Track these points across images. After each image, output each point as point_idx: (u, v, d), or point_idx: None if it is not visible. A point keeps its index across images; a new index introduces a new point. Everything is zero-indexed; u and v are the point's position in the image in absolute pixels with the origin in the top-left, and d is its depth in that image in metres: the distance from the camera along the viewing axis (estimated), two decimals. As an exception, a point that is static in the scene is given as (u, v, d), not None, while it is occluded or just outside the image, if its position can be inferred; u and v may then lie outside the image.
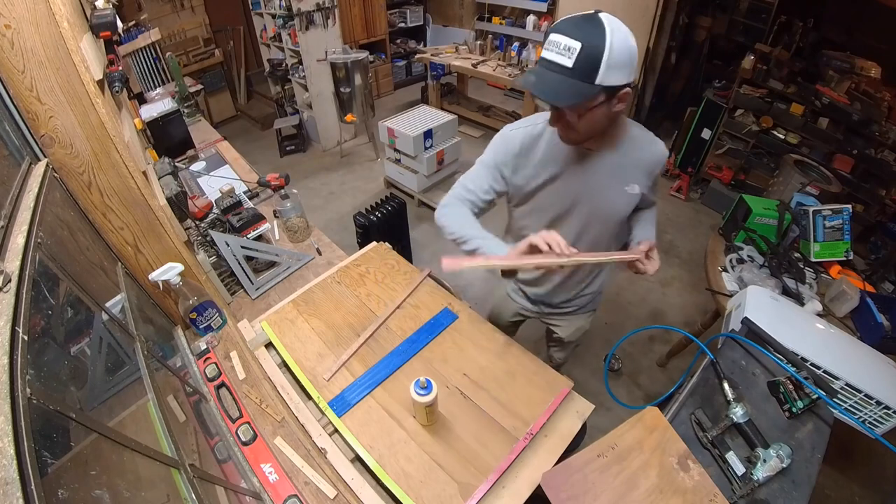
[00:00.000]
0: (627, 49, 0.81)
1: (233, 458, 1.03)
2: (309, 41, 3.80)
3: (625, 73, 0.82)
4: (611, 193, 1.09)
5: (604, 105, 0.86)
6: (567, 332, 1.52)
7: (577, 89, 0.81)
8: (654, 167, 1.11)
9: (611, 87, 0.82)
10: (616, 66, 0.80)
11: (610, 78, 0.80)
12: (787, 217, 1.89)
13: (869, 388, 1.25)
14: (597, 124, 0.91)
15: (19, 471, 0.44)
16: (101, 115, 0.94)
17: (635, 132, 1.08)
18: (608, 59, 0.78)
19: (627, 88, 0.85)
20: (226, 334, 1.32)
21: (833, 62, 3.12)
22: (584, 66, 0.79)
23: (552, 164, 1.07)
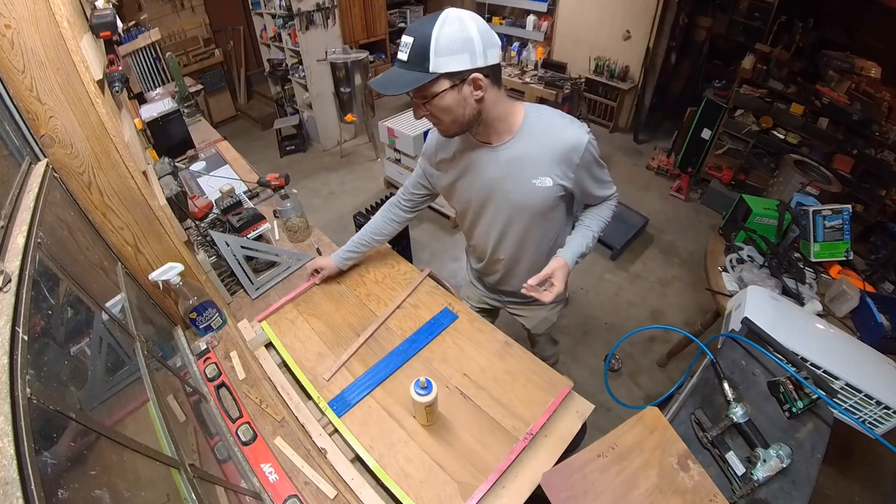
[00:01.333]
0: (460, 36, 0.85)
1: (233, 458, 1.03)
2: (309, 41, 3.80)
3: (464, 58, 0.86)
4: (518, 187, 1.07)
5: (451, 91, 0.90)
6: (532, 324, 1.51)
7: (410, 78, 0.88)
8: (567, 155, 1.01)
9: (451, 73, 0.87)
10: (446, 53, 0.85)
11: (444, 64, 0.86)
12: (787, 217, 1.89)
13: (869, 388, 1.25)
14: (454, 112, 0.94)
15: (19, 471, 0.44)
16: (101, 115, 0.94)
17: (540, 122, 1.03)
18: (435, 47, 0.84)
19: (478, 75, 0.89)
20: (226, 334, 1.32)
21: (833, 62, 3.12)
22: (416, 56, 0.86)
23: (458, 162, 1.12)
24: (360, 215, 2.44)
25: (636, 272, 2.98)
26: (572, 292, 2.78)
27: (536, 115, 1.04)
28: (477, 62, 0.88)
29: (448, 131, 1.02)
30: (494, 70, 0.93)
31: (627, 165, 4.17)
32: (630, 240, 3.11)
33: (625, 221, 3.23)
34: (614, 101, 4.49)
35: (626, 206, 3.37)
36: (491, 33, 0.90)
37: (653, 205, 3.58)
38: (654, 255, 3.13)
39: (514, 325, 1.89)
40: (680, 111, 3.88)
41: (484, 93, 0.92)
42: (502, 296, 1.47)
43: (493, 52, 0.90)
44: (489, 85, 0.93)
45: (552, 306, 1.48)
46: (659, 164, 3.99)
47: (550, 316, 1.50)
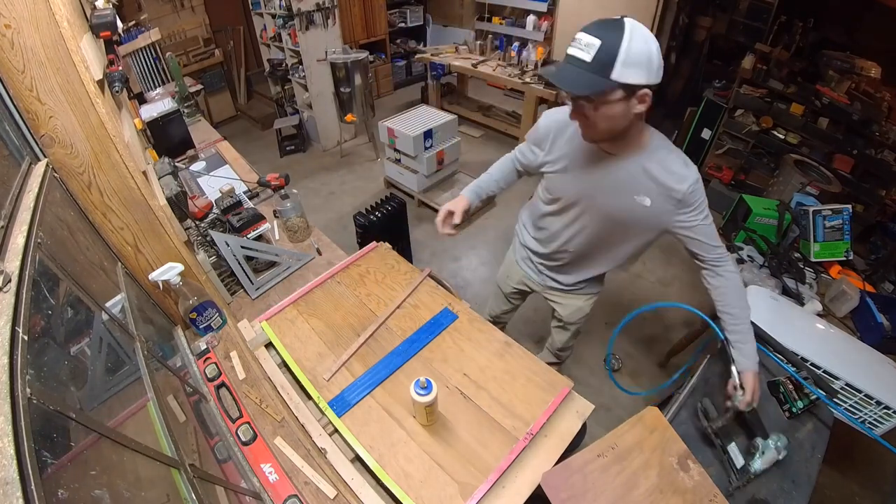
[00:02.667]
0: (646, 50, 0.85)
1: (233, 458, 1.03)
2: (309, 41, 3.79)
3: (642, 73, 0.86)
4: (618, 199, 1.10)
5: (621, 102, 0.90)
6: (567, 312, 1.54)
7: (592, 81, 0.87)
8: (671, 189, 1.02)
9: (627, 84, 0.87)
10: (632, 64, 0.85)
11: (626, 75, 0.86)
12: (787, 217, 1.89)
13: (869, 388, 1.25)
14: (614, 121, 0.95)
15: (19, 471, 0.44)
16: (101, 115, 0.94)
17: (660, 147, 1.05)
18: (625, 56, 0.84)
19: (647, 90, 0.90)
20: (226, 334, 1.32)
21: (833, 62, 3.11)
22: (601, 61, 0.85)
23: (568, 157, 1.14)
24: (360, 215, 2.44)
25: (636, 272, 2.98)
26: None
27: (661, 141, 1.06)
28: (651, 79, 0.89)
29: (596, 137, 1.02)
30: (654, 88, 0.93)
31: (627, 165, 4.16)
32: (630, 240, 3.11)
33: (625, 221, 3.23)
34: (614, 101, 4.48)
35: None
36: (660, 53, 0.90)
37: (653, 205, 3.57)
38: (654, 255, 3.13)
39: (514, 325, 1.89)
40: (680, 111, 3.88)
41: (643, 106, 0.93)
42: (549, 280, 1.48)
43: (659, 73, 0.90)
44: (645, 103, 0.93)
45: (588, 297, 1.49)
46: (659, 164, 3.98)
47: (585, 306, 1.52)
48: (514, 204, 3.58)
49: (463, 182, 3.60)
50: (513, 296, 1.67)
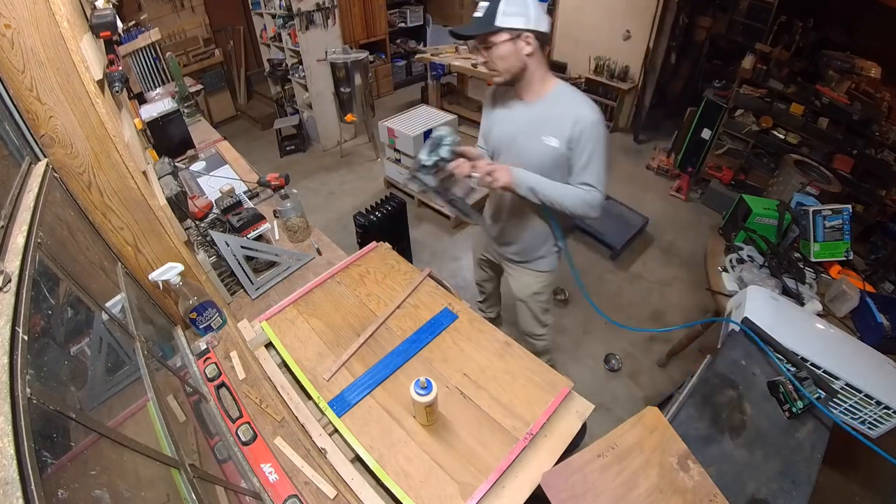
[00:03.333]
0: (519, 4, 1.12)
1: (233, 458, 1.03)
2: (309, 41, 3.79)
3: (521, 19, 1.13)
4: (530, 142, 1.27)
5: (508, 43, 1.15)
6: (516, 286, 1.66)
7: (481, 26, 1.15)
8: (573, 126, 1.19)
9: (510, 28, 1.13)
10: (511, 13, 1.12)
11: (507, 21, 1.12)
12: (787, 217, 1.89)
13: (869, 388, 1.25)
14: (508, 61, 1.18)
15: (19, 471, 0.44)
16: (101, 115, 0.94)
17: (566, 93, 1.24)
18: (504, 7, 1.12)
19: (529, 33, 1.14)
20: (226, 334, 1.32)
21: (833, 62, 3.11)
22: (488, 13, 1.13)
23: (499, 111, 1.36)
24: (360, 215, 2.44)
25: (636, 272, 2.98)
26: (572, 292, 2.78)
27: (566, 88, 1.25)
28: (530, 25, 1.14)
29: (500, 77, 1.24)
30: (542, 37, 1.18)
31: (627, 165, 4.17)
32: (630, 240, 3.11)
33: (625, 221, 3.23)
34: (614, 101, 4.48)
35: (626, 206, 3.37)
36: (544, 10, 1.17)
37: (653, 205, 3.58)
38: (654, 255, 3.13)
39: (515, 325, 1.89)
40: (680, 111, 3.88)
41: (532, 50, 1.17)
42: (500, 247, 1.61)
43: (543, 23, 1.16)
44: (537, 47, 1.18)
45: (537, 274, 1.59)
46: (659, 165, 3.99)
47: (533, 283, 1.61)
48: (514, 204, 3.57)
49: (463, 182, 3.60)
50: (483, 263, 1.83)
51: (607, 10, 4.22)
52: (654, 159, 4.06)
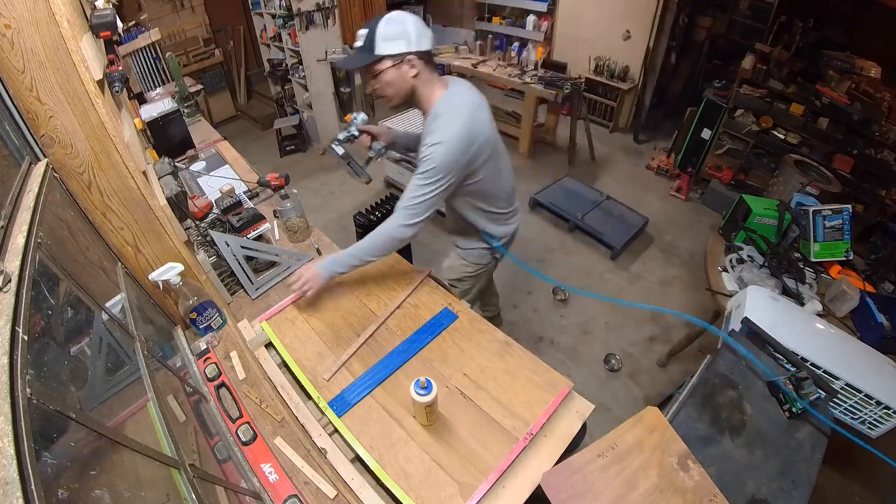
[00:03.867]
0: (400, 28, 1.13)
1: (233, 458, 1.03)
2: (309, 41, 3.79)
3: (401, 43, 1.14)
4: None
5: (392, 69, 1.17)
6: (445, 263, 1.72)
7: (363, 57, 1.17)
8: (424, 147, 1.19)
9: (391, 54, 1.14)
10: (390, 39, 1.13)
11: (388, 48, 1.14)
12: (787, 217, 1.89)
13: (869, 388, 1.25)
14: (395, 86, 1.20)
15: (19, 471, 0.43)
16: (101, 115, 0.94)
17: (440, 109, 1.22)
18: (382, 35, 1.13)
19: (412, 56, 1.15)
20: (226, 334, 1.32)
21: (833, 62, 3.11)
22: (368, 42, 1.15)
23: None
24: (360, 215, 2.44)
25: (636, 272, 2.98)
26: (572, 293, 2.78)
27: (444, 105, 1.22)
28: (412, 47, 1.14)
29: (392, 102, 1.26)
30: (426, 55, 1.19)
31: (627, 165, 4.17)
32: (630, 240, 3.11)
33: (625, 221, 3.23)
34: (614, 101, 4.48)
35: (626, 206, 3.37)
36: (424, 27, 1.17)
37: (653, 205, 3.58)
38: (654, 255, 3.13)
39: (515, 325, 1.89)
40: (680, 111, 3.88)
41: (417, 71, 1.18)
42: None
43: (424, 41, 1.16)
44: (422, 66, 1.18)
45: (456, 255, 1.65)
46: (659, 165, 3.99)
47: (456, 266, 1.65)
48: (514, 204, 3.57)
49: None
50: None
51: (607, 10, 4.22)
52: (654, 159, 4.06)
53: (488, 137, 1.26)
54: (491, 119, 1.32)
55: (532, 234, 3.27)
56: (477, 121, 1.22)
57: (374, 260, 1.32)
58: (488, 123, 1.28)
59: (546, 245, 3.17)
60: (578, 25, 4.51)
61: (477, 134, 1.21)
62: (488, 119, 1.29)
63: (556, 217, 3.38)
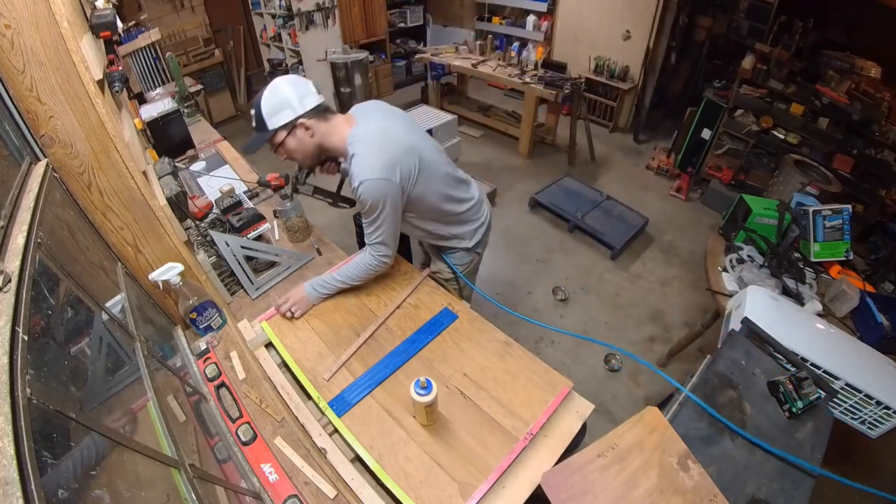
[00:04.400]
0: (279, 99, 1.15)
1: (233, 458, 1.03)
2: (309, 41, 3.80)
3: (287, 112, 1.16)
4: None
5: (290, 137, 1.19)
6: (433, 267, 1.67)
7: (259, 138, 1.20)
8: (355, 189, 1.18)
9: (283, 125, 1.16)
10: (273, 113, 1.15)
11: (277, 121, 1.16)
12: (787, 217, 1.89)
13: (869, 388, 1.25)
14: (300, 150, 1.23)
15: (19, 471, 0.44)
16: (101, 115, 0.94)
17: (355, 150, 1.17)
18: (267, 111, 1.15)
19: (302, 119, 1.17)
20: (226, 334, 1.32)
21: (833, 62, 3.11)
22: (259, 123, 1.17)
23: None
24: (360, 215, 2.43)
25: (636, 272, 2.98)
26: (572, 292, 2.78)
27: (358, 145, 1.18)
28: (297, 111, 1.16)
29: (305, 165, 1.36)
30: (315, 111, 1.19)
31: (627, 165, 4.17)
32: (630, 240, 3.11)
33: (625, 221, 3.23)
34: (614, 101, 4.49)
35: (626, 206, 3.37)
36: (304, 86, 1.19)
37: (653, 205, 3.58)
38: (654, 255, 3.13)
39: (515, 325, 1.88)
40: (680, 111, 3.88)
41: (313, 131, 1.19)
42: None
43: (309, 100, 1.18)
44: (316, 123, 1.19)
45: (442, 262, 1.60)
46: (659, 164, 3.99)
47: (441, 269, 1.60)
48: (514, 204, 3.58)
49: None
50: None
51: (607, 10, 4.22)
52: (654, 159, 4.06)
53: (410, 147, 1.21)
54: (409, 126, 1.30)
55: (532, 234, 3.27)
56: (391, 142, 1.18)
57: (361, 283, 1.41)
58: (406, 134, 1.24)
59: (546, 245, 3.17)
60: (578, 25, 4.51)
61: (396, 155, 1.17)
62: (404, 130, 1.26)
63: (556, 217, 3.38)
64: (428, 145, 1.32)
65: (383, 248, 1.30)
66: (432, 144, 1.36)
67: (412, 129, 1.31)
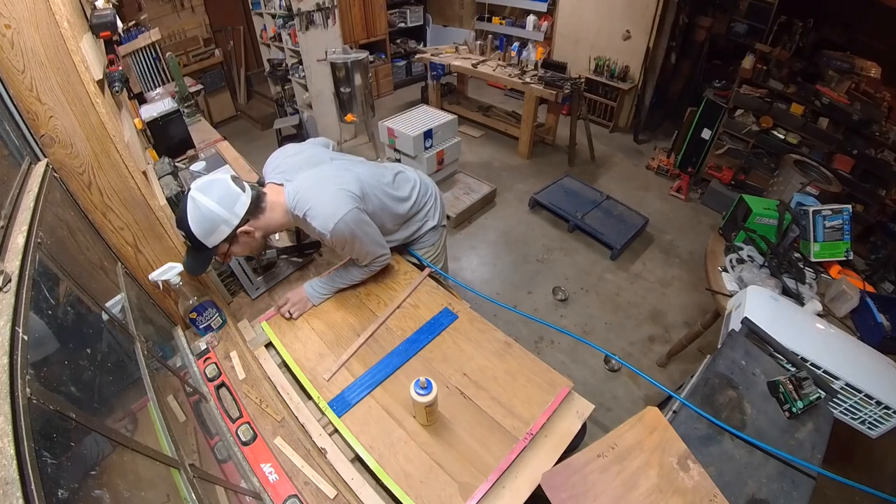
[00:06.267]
0: (206, 222, 1.06)
1: (233, 458, 1.03)
2: (309, 41, 3.80)
3: (222, 231, 1.08)
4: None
5: (234, 244, 1.14)
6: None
7: (204, 257, 1.13)
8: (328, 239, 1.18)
9: (223, 240, 1.09)
10: (208, 234, 1.07)
11: (214, 239, 1.08)
12: (787, 217, 1.89)
13: (869, 388, 1.25)
14: (246, 249, 1.20)
15: (19, 471, 0.44)
16: (101, 115, 0.94)
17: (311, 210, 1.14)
18: (199, 235, 1.06)
19: (241, 228, 1.11)
20: (226, 334, 1.32)
21: (833, 62, 3.12)
22: (196, 244, 1.08)
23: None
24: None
25: (636, 272, 2.98)
26: (572, 292, 2.78)
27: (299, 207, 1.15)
28: (233, 223, 1.09)
29: (256, 254, 1.38)
30: (250, 210, 1.11)
31: (627, 165, 4.17)
32: (630, 240, 3.11)
33: (625, 221, 3.23)
34: (614, 101, 4.49)
35: (626, 206, 3.37)
36: (226, 191, 1.08)
37: (653, 205, 3.58)
38: (654, 255, 3.13)
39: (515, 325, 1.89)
40: (680, 111, 3.88)
41: (252, 229, 1.14)
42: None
43: (239, 206, 1.09)
44: (254, 220, 1.14)
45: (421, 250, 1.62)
46: (659, 164, 3.99)
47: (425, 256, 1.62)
48: (515, 204, 3.58)
49: (463, 182, 3.60)
50: None
51: (607, 10, 4.22)
52: (654, 159, 4.06)
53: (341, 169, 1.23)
54: (321, 152, 1.32)
55: (532, 234, 3.27)
56: (326, 179, 1.19)
57: (359, 282, 1.43)
58: (329, 163, 1.26)
59: (546, 245, 3.18)
60: (578, 25, 4.51)
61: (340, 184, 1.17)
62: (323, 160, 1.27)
63: (555, 217, 3.38)
64: (347, 159, 1.35)
65: (378, 258, 1.34)
66: (349, 158, 1.37)
67: (324, 154, 1.32)
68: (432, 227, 1.56)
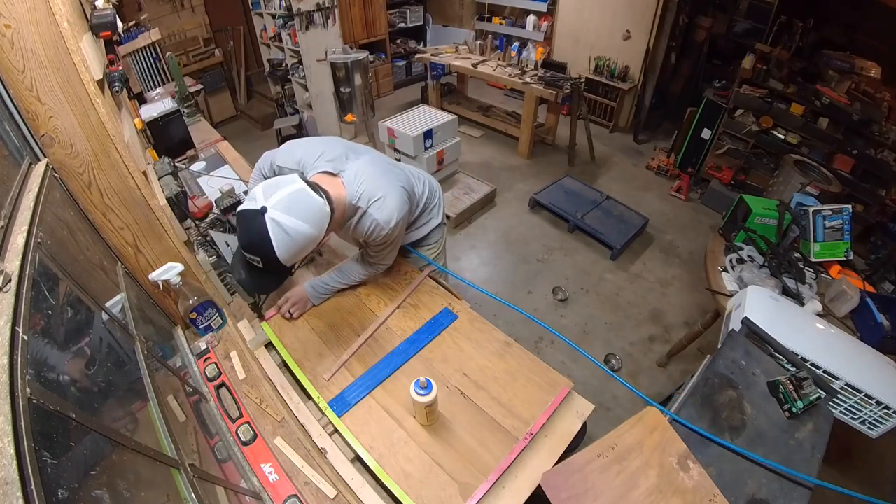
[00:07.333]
0: (296, 245, 0.93)
1: (233, 458, 1.03)
2: (309, 41, 3.79)
3: (310, 248, 0.98)
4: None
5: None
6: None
7: (282, 275, 1.07)
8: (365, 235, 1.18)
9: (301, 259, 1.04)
10: (297, 256, 0.96)
11: (299, 257, 0.99)
12: (787, 217, 1.89)
13: (869, 388, 1.25)
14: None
15: (19, 471, 0.44)
16: (101, 115, 0.94)
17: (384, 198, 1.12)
18: (284, 259, 0.93)
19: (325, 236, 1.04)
20: (226, 334, 1.31)
21: (833, 62, 3.12)
22: (273, 266, 0.95)
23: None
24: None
25: (636, 272, 2.98)
26: (572, 292, 2.78)
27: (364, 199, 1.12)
28: (321, 238, 1.00)
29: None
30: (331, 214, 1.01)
31: (627, 165, 4.17)
32: (630, 240, 3.11)
33: (625, 221, 3.23)
34: (614, 101, 4.49)
35: (626, 206, 3.37)
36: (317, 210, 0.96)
37: (653, 205, 3.58)
38: (654, 255, 3.13)
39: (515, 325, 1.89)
40: (680, 111, 3.88)
41: (328, 237, 1.14)
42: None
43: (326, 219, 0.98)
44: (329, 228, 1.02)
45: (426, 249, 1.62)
46: (659, 164, 3.99)
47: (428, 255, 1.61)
48: (514, 204, 3.58)
49: (463, 182, 3.61)
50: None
51: (607, 10, 4.22)
52: (654, 159, 4.06)
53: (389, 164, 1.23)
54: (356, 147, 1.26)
55: (532, 234, 3.27)
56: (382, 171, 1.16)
57: (353, 283, 1.42)
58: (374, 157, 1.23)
59: (546, 245, 3.18)
60: (578, 25, 4.51)
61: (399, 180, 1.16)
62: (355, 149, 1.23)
63: (555, 217, 3.38)
64: (376, 152, 1.31)
65: (388, 259, 1.36)
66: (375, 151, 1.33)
67: (350, 143, 1.27)
68: (437, 226, 1.56)
